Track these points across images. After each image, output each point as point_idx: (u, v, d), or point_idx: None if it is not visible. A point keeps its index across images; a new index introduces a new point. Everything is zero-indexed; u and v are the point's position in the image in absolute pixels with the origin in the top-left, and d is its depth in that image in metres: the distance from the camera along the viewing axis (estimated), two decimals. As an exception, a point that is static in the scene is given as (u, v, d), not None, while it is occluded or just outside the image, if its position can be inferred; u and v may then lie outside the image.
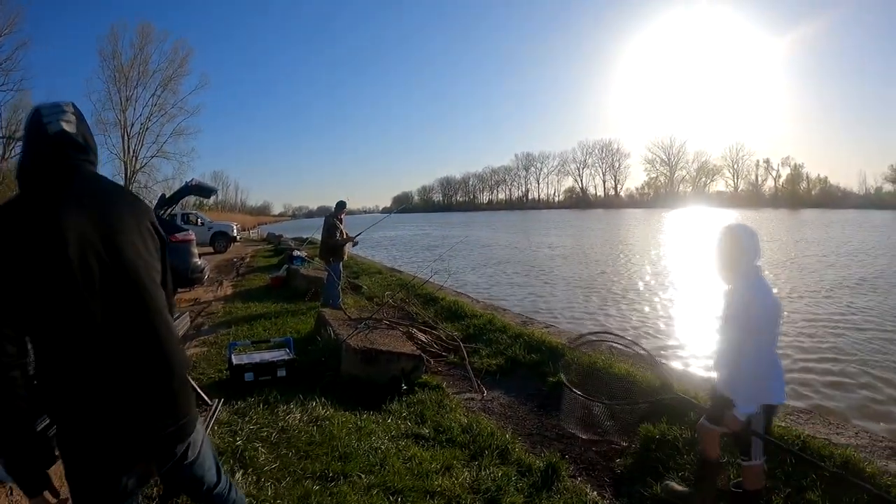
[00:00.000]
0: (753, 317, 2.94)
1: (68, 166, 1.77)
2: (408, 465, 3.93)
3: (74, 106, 1.87)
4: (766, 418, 3.10)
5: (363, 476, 3.70)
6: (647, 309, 12.48)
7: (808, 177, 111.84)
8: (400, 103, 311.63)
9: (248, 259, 22.08)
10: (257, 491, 3.44)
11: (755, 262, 3.09)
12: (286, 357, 5.92)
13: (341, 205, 9.94)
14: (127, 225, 1.81)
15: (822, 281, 15.38)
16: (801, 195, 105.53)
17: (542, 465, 4.06)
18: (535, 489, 3.75)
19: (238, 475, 3.58)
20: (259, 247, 30.81)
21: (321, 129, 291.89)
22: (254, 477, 3.62)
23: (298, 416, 4.70)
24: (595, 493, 3.85)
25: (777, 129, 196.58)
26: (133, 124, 45.73)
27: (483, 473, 3.90)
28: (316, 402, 5.02)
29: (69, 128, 1.80)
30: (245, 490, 3.33)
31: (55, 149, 1.76)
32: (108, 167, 43.70)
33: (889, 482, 3.41)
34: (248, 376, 5.57)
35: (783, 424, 4.28)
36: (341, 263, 9.83)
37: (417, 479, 3.70)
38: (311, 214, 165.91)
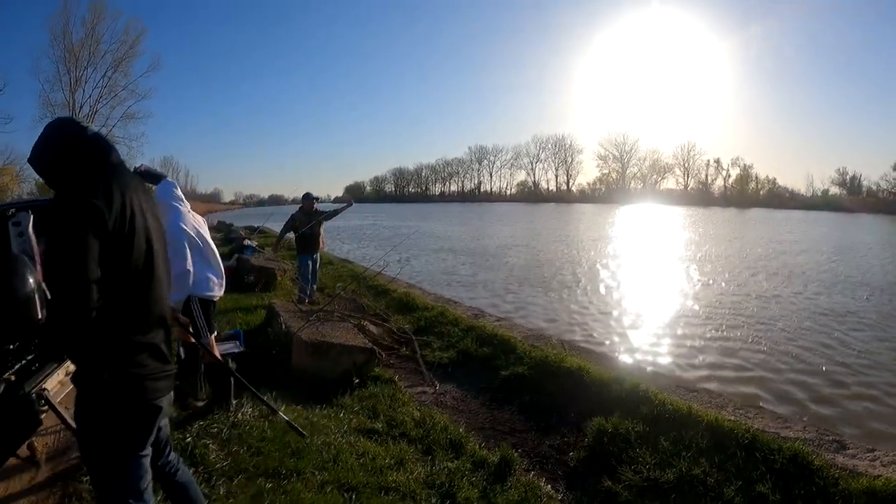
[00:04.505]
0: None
1: (116, 159, 2.15)
2: (361, 460, 3.91)
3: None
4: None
5: (317, 473, 3.66)
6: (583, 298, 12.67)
7: (756, 177, 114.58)
8: (352, 92, 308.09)
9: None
10: (209, 490, 3.37)
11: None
12: (236, 350, 5.81)
13: (307, 197, 9.70)
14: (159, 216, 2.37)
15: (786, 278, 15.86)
16: (749, 195, 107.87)
17: (495, 459, 4.11)
18: (489, 483, 3.80)
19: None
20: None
21: (273, 116, 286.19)
22: (205, 475, 3.54)
23: (250, 410, 4.62)
24: (549, 486, 3.91)
25: (728, 131, 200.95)
26: (82, 106, 44.05)
27: (437, 468, 3.93)
28: (267, 397, 4.95)
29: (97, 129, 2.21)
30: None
31: (97, 146, 2.10)
32: (55, 150, 42.00)
33: (837, 475, 3.53)
34: (197, 370, 5.45)
35: (732, 419, 4.39)
36: (307, 257, 9.62)
37: (371, 475, 3.69)
38: (262, 203, 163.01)
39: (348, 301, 9.43)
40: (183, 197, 4.71)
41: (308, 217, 9.46)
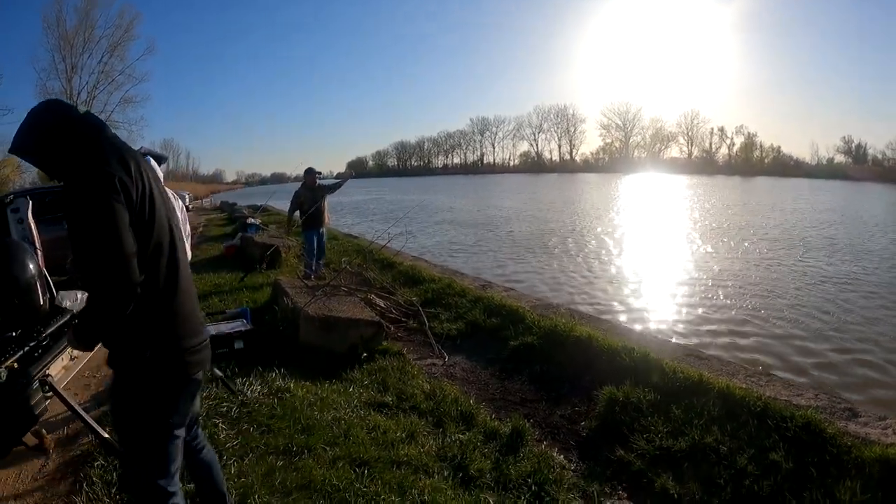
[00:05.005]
0: None
1: (111, 135, 2.06)
2: (372, 434, 3.88)
3: None
4: None
5: (328, 448, 3.63)
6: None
7: (761, 146, 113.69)
8: (352, 69, 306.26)
9: (200, 229, 21.59)
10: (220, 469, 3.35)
11: None
12: (243, 328, 5.77)
13: (310, 172, 9.60)
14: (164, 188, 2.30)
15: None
16: (754, 163, 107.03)
17: (507, 430, 4.06)
18: (501, 454, 3.75)
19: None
20: (212, 216, 30.15)
21: (273, 95, 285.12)
22: (215, 455, 3.52)
23: (259, 388, 4.60)
24: (561, 456, 3.87)
25: (731, 99, 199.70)
26: (79, 93, 43.79)
27: (449, 440, 3.89)
28: (275, 374, 4.92)
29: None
30: (206, 468, 3.23)
31: (89, 124, 2.01)
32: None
33: (849, 443, 3.47)
34: (204, 349, 5.42)
35: (744, 386, 4.33)
36: (313, 232, 9.53)
37: (383, 449, 3.65)
38: (264, 181, 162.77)
39: (354, 275, 9.38)
40: (160, 176, 4.64)
41: (312, 192, 9.39)
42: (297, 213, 9.52)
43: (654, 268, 12.81)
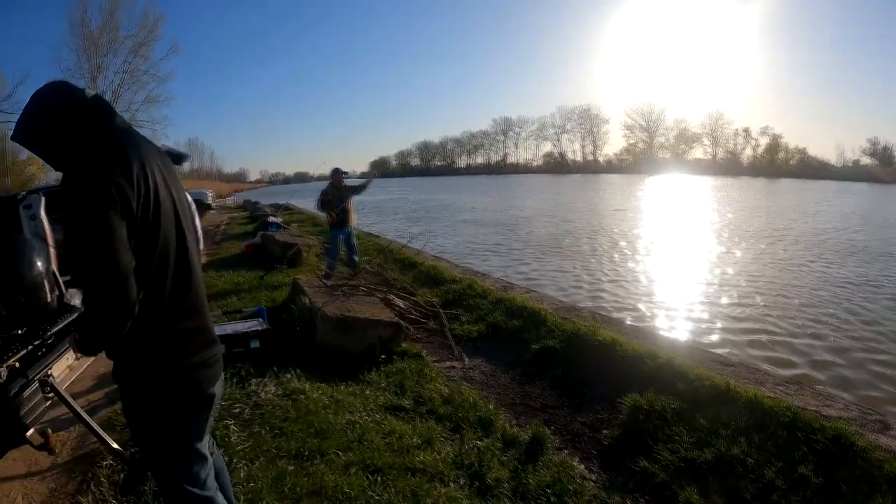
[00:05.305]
0: None
1: (122, 123, 1.86)
2: (387, 440, 3.76)
3: None
4: None
5: (341, 453, 3.52)
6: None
7: (786, 147, 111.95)
8: (375, 66, 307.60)
9: (222, 227, 21.69)
10: (229, 473, 3.25)
11: None
12: (259, 327, 5.69)
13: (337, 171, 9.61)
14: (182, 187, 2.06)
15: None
16: (779, 165, 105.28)
17: (526, 437, 3.93)
18: (520, 462, 3.63)
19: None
20: (235, 214, 30.29)
21: (297, 95, 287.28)
22: (225, 458, 3.42)
23: (273, 389, 4.52)
24: (582, 466, 3.72)
25: (756, 100, 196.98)
26: (105, 92, 44.25)
27: (466, 447, 3.76)
28: (291, 375, 4.84)
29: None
30: (215, 472, 3.14)
31: (99, 109, 1.82)
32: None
33: (881, 457, 3.30)
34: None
35: (772, 395, 4.16)
36: (338, 232, 9.55)
37: (398, 456, 3.53)
38: (287, 180, 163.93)
39: (374, 275, 9.30)
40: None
41: (338, 191, 9.41)
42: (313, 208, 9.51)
43: (677, 270, 12.59)
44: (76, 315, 2.87)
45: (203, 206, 26.53)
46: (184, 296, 1.88)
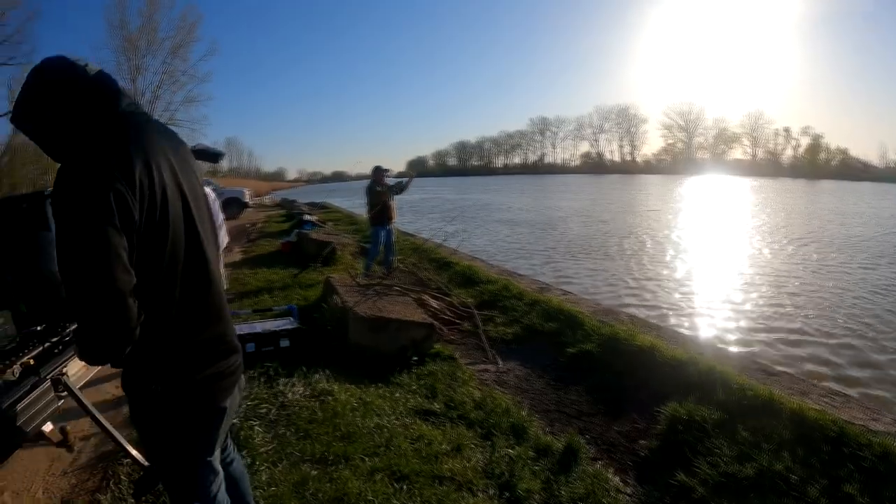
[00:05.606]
0: None
1: (129, 107, 1.66)
2: (415, 445, 3.63)
3: None
4: None
5: (367, 459, 3.41)
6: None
7: (827, 147, 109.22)
8: (412, 66, 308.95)
9: (259, 225, 21.83)
10: (251, 475, 3.15)
11: None
12: (290, 326, 5.62)
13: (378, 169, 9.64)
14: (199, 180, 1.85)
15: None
16: (820, 166, 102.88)
17: (560, 445, 3.77)
18: (552, 473, 3.46)
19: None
20: (272, 212, 30.50)
21: (334, 94, 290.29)
22: (248, 459, 3.33)
23: (301, 389, 4.42)
24: (617, 478, 3.54)
25: (797, 99, 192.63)
26: (144, 92, 45.24)
27: (497, 455, 3.61)
28: (320, 375, 4.74)
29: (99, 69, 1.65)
30: (237, 475, 3.04)
31: (101, 91, 1.61)
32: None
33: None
34: (250, 347, 5.26)
35: (817, 407, 3.93)
36: (380, 228, 9.54)
37: (426, 463, 3.40)
38: (325, 180, 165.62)
39: (409, 274, 9.22)
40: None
41: (381, 189, 9.45)
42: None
43: (715, 272, 12.24)
44: None
45: (240, 205, 26.63)
46: (197, 302, 1.70)
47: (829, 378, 6.18)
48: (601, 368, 5.23)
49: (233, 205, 25.76)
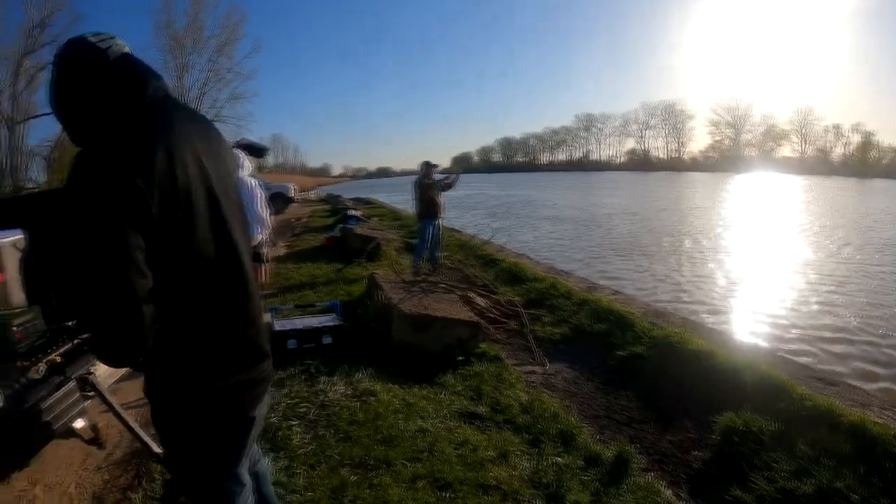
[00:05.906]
0: None
1: (155, 92, 1.53)
2: (459, 451, 3.46)
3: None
4: None
5: (408, 464, 3.26)
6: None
7: (879, 145, 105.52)
8: (459, 63, 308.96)
9: (304, 219, 21.93)
10: (287, 479, 3.04)
11: None
12: (332, 323, 5.51)
13: (427, 164, 9.66)
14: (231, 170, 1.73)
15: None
16: (872, 164, 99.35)
17: (610, 455, 3.56)
18: (602, 484, 3.26)
19: (268, 458, 3.16)
20: (317, 207, 30.68)
21: (380, 90, 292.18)
22: (285, 461, 3.23)
23: (342, 389, 4.30)
24: (669, 491, 3.31)
25: (848, 95, 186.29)
26: (190, 90, 46.10)
27: (544, 463, 3.42)
28: (362, 374, 4.61)
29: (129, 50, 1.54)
30: (274, 477, 2.91)
31: (125, 77, 1.48)
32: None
33: None
34: (291, 344, 5.16)
35: (879, 421, 3.65)
36: (430, 222, 9.47)
37: (470, 470, 3.23)
38: (371, 175, 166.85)
39: (454, 271, 9.07)
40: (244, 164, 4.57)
41: (429, 184, 9.44)
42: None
43: (767, 274, 11.76)
44: None
45: (286, 199, 26.85)
46: (226, 303, 1.56)
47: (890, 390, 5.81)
48: (652, 372, 5.00)
49: (278, 200, 25.99)
